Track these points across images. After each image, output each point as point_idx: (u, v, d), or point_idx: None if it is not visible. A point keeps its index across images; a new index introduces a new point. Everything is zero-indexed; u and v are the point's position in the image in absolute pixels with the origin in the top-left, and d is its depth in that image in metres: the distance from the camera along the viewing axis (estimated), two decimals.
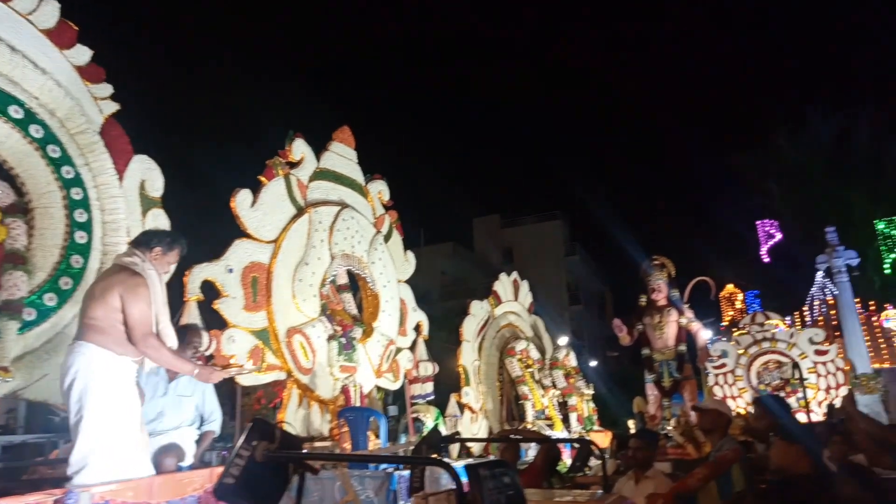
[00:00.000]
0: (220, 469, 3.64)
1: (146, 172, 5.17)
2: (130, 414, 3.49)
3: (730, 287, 20.90)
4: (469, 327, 9.80)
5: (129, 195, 4.99)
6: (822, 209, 21.64)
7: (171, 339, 3.66)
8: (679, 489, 2.47)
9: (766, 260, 20.62)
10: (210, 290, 5.47)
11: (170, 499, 3.52)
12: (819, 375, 11.42)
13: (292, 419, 5.84)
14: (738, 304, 20.36)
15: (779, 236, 20.42)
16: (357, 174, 7.66)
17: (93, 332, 3.40)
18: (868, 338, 15.75)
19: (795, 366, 9.79)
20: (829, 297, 17.37)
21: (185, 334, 4.53)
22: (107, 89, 4.99)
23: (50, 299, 4.42)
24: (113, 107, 5.00)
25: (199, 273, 5.35)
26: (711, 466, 2.58)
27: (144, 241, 3.67)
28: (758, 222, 20.73)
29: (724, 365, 12.14)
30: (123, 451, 3.42)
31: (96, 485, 3.35)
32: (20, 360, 4.16)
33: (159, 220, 5.18)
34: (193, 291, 5.26)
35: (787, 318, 15.10)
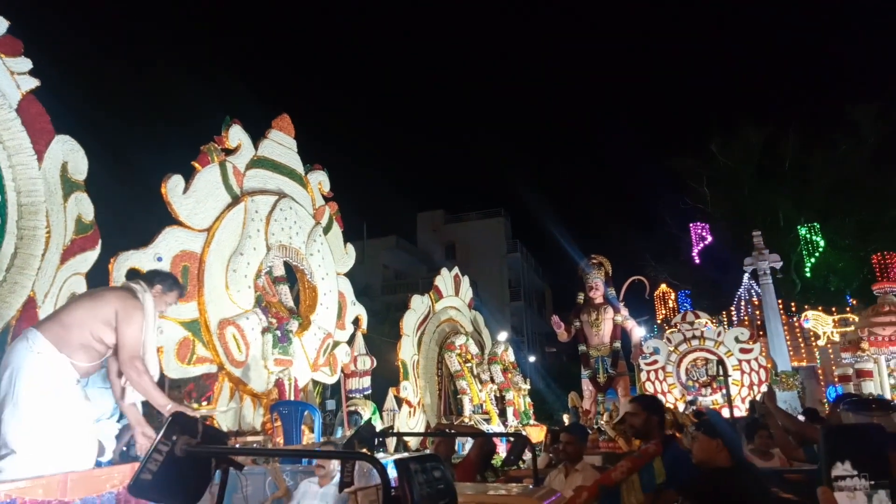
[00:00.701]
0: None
1: (69, 154, 4.89)
2: (67, 409, 3.38)
3: (663, 286, 21.61)
4: (409, 322, 9.78)
5: (48, 177, 4.71)
6: (751, 214, 22.67)
7: (154, 368, 3.69)
8: (603, 481, 2.53)
9: (697, 261, 21.45)
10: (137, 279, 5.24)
11: (85, 496, 3.34)
12: (743, 372, 11.97)
13: (223, 412, 5.68)
14: (671, 303, 21.09)
15: (710, 239, 21.26)
16: (296, 163, 7.50)
17: (55, 327, 3.37)
18: (788, 337, 16.62)
19: (721, 363, 10.22)
20: (754, 298, 18.23)
21: None
22: (25, 64, 4.67)
23: None
24: (32, 83, 4.70)
25: (126, 260, 5.13)
26: (634, 460, 2.65)
27: (148, 278, 3.87)
28: (691, 224, 21.52)
29: (655, 361, 12.56)
30: (55, 445, 3.30)
31: (1, 482, 3.16)
32: None
33: (82, 204, 4.92)
34: (119, 279, 5.03)
35: (716, 317, 15.75)
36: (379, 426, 7.26)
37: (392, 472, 2.21)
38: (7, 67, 4.58)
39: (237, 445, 4.97)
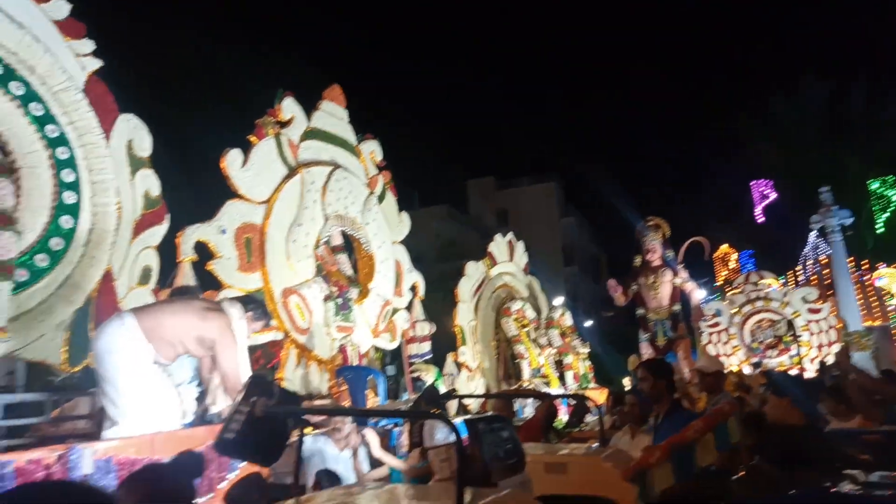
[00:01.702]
0: (220, 426, 3.69)
1: (133, 131, 5.04)
2: (153, 383, 3.69)
3: (724, 247, 20.94)
4: (465, 288, 9.82)
5: (116, 155, 4.88)
6: (817, 170, 21.60)
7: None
8: (676, 441, 2.49)
9: (761, 220, 20.66)
10: (204, 252, 5.42)
11: (172, 454, 3.53)
12: (812, 333, 11.55)
13: (291, 378, 5.87)
14: (732, 265, 20.44)
15: (773, 196, 20.40)
16: (349, 134, 7.53)
17: (150, 320, 3.66)
18: (860, 296, 15.92)
19: (790, 324, 9.88)
20: (822, 257, 17.47)
21: (188, 294, 4.52)
22: (88, 45, 4.81)
23: (42, 260, 4.36)
24: (95, 63, 4.84)
25: (192, 234, 5.29)
26: (708, 419, 2.59)
27: (243, 301, 4.20)
28: (752, 183, 20.68)
29: (717, 324, 12.27)
30: (146, 413, 3.62)
31: (98, 442, 3.39)
32: (16, 321, 4.12)
33: (148, 180, 5.08)
34: (187, 252, 5.21)
35: (781, 277, 15.18)
36: (441, 390, 7.36)
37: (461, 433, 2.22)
38: (72, 50, 4.72)
39: None
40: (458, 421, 2.80)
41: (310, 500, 2.19)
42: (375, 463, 4.39)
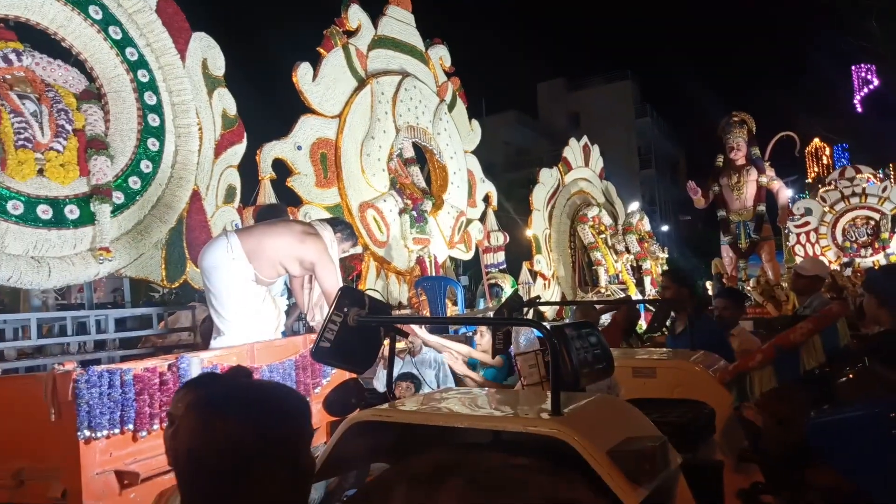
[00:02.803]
0: (311, 336, 3.88)
1: (206, 50, 5.06)
2: (254, 297, 3.96)
3: (816, 141, 19.38)
4: (538, 196, 9.66)
5: (192, 75, 4.93)
6: None
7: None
8: (780, 342, 2.39)
9: (860, 109, 18.89)
10: (282, 169, 5.51)
11: (270, 362, 3.77)
12: None
13: (371, 290, 6.05)
14: (825, 160, 19.00)
15: (876, 82, 18.50)
16: (416, 39, 7.29)
17: (252, 242, 3.87)
18: None
19: (894, 220, 9.22)
20: None
21: (273, 213, 4.65)
22: None
23: (134, 182, 4.54)
24: None
25: (270, 151, 5.37)
26: (816, 320, 2.46)
27: (332, 223, 4.33)
28: (853, 67, 18.72)
29: (807, 223, 11.63)
30: (249, 325, 3.90)
31: (204, 351, 3.64)
32: (118, 241, 4.38)
33: (225, 99, 5.13)
34: (266, 170, 5.32)
35: (880, 171, 14.03)
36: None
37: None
38: None
39: None
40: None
41: (404, 403, 2.26)
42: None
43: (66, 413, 2.75)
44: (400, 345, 4.55)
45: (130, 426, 3.10)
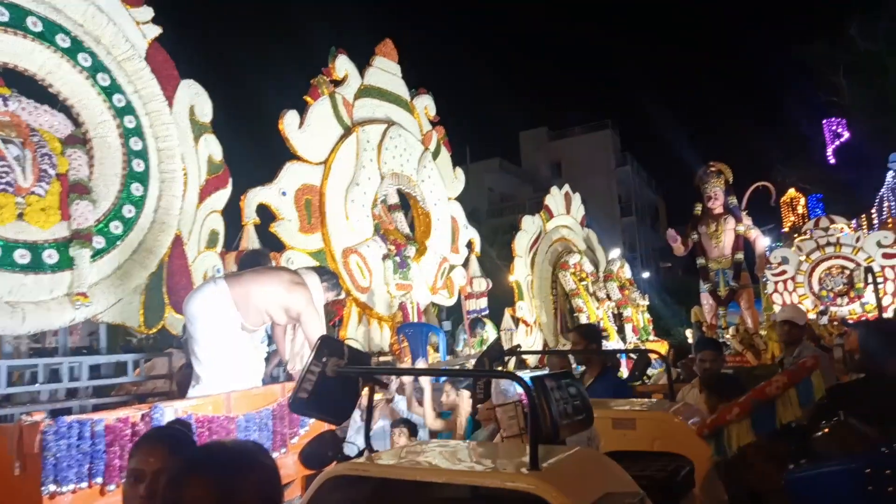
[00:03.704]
0: (290, 384, 3.84)
1: (194, 97, 5.12)
2: (236, 347, 3.95)
3: (791, 192, 19.87)
4: (521, 242, 9.75)
5: (179, 121, 4.98)
6: None
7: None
8: (757, 396, 2.41)
9: (832, 161, 19.45)
10: (266, 214, 5.53)
11: (247, 411, 3.71)
12: (886, 279, 10.98)
13: (353, 336, 6.01)
14: (800, 210, 19.44)
15: (846, 135, 19.11)
16: (402, 89, 7.46)
17: (241, 289, 3.89)
18: None
19: (869, 270, 9.38)
20: None
21: (257, 259, 4.65)
22: (147, 13, 4.87)
23: (116, 227, 4.53)
24: (155, 31, 4.91)
25: (255, 197, 5.40)
26: (791, 373, 2.49)
27: (319, 272, 4.38)
28: (825, 121, 19.36)
29: (784, 272, 11.81)
30: (228, 373, 3.87)
31: (178, 400, 3.57)
32: (96, 286, 4.33)
33: (211, 145, 5.18)
34: (250, 215, 5.33)
35: (853, 221, 14.37)
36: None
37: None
38: (133, 18, 4.79)
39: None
40: (524, 377, 2.81)
41: (382, 456, 2.23)
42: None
43: (31, 466, 2.66)
44: (378, 395, 4.51)
45: (99, 479, 3.01)
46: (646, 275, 25.53)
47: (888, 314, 10.28)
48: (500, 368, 3.69)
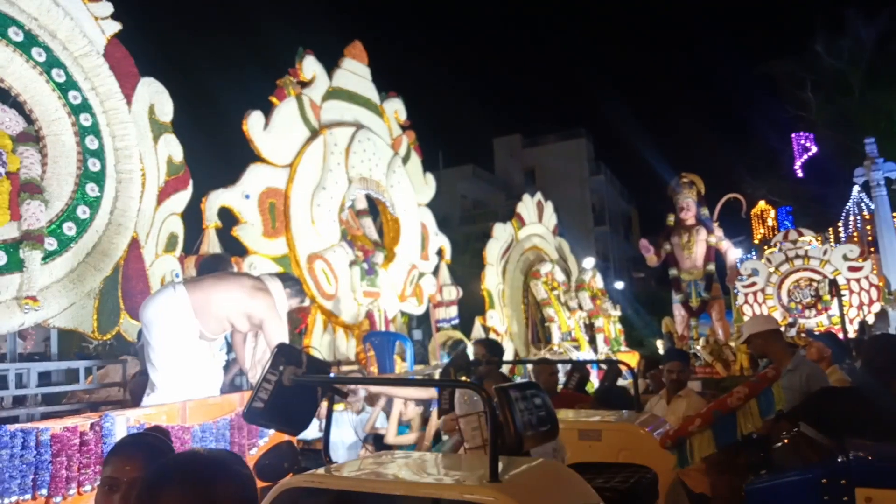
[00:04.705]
0: (249, 394, 3.71)
1: (154, 96, 4.97)
2: (193, 354, 3.81)
3: (762, 204, 20.25)
4: (492, 250, 9.71)
5: (138, 120, 4.82)
6: (861, 120, 20.65)
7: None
8: (718, 407, 2.38)
9: (800, 175, 19.88)
10: (228, 217, 5.39)
11: (203, 421, 3.57)
12: (852, 292, 11.20)
13: (318, 344, 5.88)
14: (770, 222, 19.80)
15: (814, 150, 19.56)
16: (371, 92, 7.37)
17: (201, 295, 3.76)
18: None
19: (833, 283, 9.54)
20: (865, 213, 16.84)
21: (217, 264, 4.51)
22: (107, 8, 4.71)
23: (69, 228, 4.35)
24: (115, 27, 4.75)
25: (216, 199, 5.26)
26: (751, 385, 2.48)
27: (282, 278, 4.24)
28: (793, 135, 19.80)
29: (754, 284, 11.97)
30: (185, 381, 3.73)
31: (130, 409, 3.43)
32: (47, 290, 4.15)
33: (171, 145, 5.02)
34: (212, 218, 5.19)
35: (821, 234, 14.67)
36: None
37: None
38: (91, 13, 4.63)
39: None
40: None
41: (340, 468, 2.15)
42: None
43: None
44: (340, 406, 4.40)
45: (44, 491, 2.91)
46: (619, 285, 25.74)
47: (853, 327, 10.47)
48: (464, 378, 3.60)
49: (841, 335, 7.70)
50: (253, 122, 5.67)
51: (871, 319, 10.55)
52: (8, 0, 4.22)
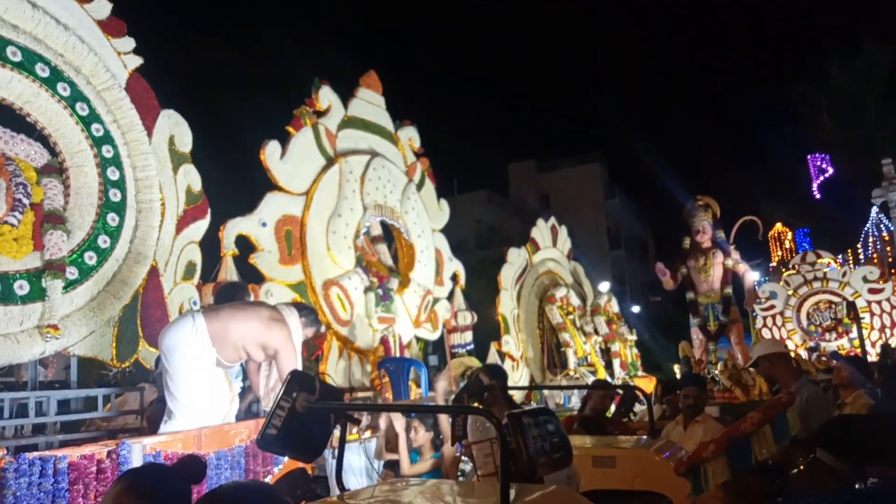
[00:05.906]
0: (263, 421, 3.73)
1: (174, 127, 5.10)
2: (210, 382, 3.87)
3: (779, 226, 19.99)
4: (507, 275, 9.69)
5: (158, 151, 4.94)
6: (879, 141, 20.47)
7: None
8: (732, 433, 2.35)
9: (818, 196, 19.68)
10: (245, 245, 5.47)
11: (218, 448, 3.59)
12: (873, 314, 11.03)
13: (333, 370, 5.89)
14: (788, 244, 19.53)
15: (831, 171, 19.37)
16: (386, 121, 7.48)
17: (218, 325, 3.81)
18: None
19: (851, 305, 9.40)
20: (884, 234, 16.60)
21: (234, 292, 4.57)
22: (129, 43, 4.88)
23: (90, 258, 4.45)
24: (136, 61, 4.91)
25: (234, 227, 5.34)
26: (765, 410, 2.44)
27: (298, 307, 4.31)
28: (809, 157, 19.65)
29: (772, 307, 11.83)
30: (202, 409, 3.79)
31: (147, 437, 3.46)
32: (68, 318, 4.23)
33: (190, 175, 5.13)
34: (229, 246, 5.26)
35: (839, 256, 14.48)
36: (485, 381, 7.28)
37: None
38: (114, 48, 4.79)
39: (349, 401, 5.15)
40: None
41: (353, 496, 2.15)
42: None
43: None
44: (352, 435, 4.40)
45: None
46: (636, 309, 25.49)
47: (875, 350, 10.27)
48: (477, 405, 3.59)
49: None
50: (270, 152, 5.78)
51: (893, 342, 10.35)
52: (35, 38, 4.38)
